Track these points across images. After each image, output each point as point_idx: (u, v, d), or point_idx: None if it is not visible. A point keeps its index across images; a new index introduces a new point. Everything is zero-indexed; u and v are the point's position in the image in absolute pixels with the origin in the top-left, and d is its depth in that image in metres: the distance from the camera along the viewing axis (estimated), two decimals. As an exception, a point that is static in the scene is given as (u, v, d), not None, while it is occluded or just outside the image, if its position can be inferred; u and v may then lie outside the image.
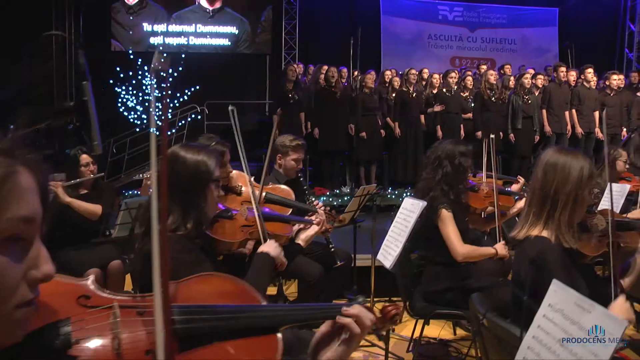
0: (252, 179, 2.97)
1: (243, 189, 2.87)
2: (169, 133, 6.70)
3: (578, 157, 1.89)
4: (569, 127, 7.46)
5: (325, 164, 7.33)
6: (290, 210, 2.95)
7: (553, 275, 1.62)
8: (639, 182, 5.10)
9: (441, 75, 7.68)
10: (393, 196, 6.65)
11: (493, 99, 7.20)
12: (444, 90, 7.23)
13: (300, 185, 3.65)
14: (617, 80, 7.58)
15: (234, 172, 2.94)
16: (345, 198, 6.48)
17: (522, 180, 4.01)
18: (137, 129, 9.68)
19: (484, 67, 8.59)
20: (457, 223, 2.87)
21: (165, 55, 1.05)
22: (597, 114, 7.57)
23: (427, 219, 2.86)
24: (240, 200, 2.80)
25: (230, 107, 2.62)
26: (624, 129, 7.62)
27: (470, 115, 7.35)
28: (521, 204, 3.28)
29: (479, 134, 7.13)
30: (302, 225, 2.42)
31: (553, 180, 1.85)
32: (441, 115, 7.15)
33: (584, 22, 12.25)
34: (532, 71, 8.07)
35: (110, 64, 10.11)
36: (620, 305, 1.72)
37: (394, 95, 7.36)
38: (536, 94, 7.51)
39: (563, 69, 7.50)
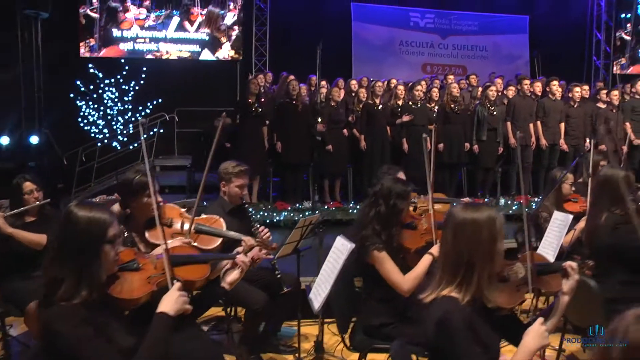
0: (185, 210, 2.91)
1: (173, 221, 2.80)
2: (135, 144, 6.62)
3: (485, 211, 1.83)
4: (533, 139, 7.47)
5: (288, 178, 7.25)
6: (220, 240, 2.89)
7: (455, 337, 1.58)
8: (585, 203, 5.12)
9: (407, 85, 7.64)
10: (355, 210, 6.60)
11: (457, 110, 7.19)
12: (410, 102, 7.19)
13: (245, 212, 3.59)
14: (579, 92, 7.61)
15: (167, 205, 2.86)
16: (307, 213, 6.42)
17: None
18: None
19: (451, 77, 8.57)
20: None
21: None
22: (562, 125, 7.60)
23: (359, 256, 2.79)
24: (170, 232, 2.73)
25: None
26: (587, 140, 7.68)
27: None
28: None
29: (441, 146, 7.13)
30: (228, 264, 2.34)
31: (465, 243, 1.78)
32: (407, 128, 7.11)
33: (553, 29, 12.35)
34: (499, 81, 8.05)
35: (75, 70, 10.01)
36: (534, 332, 1.75)
37: (360, 106, 7.29)
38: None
39: (527, 81, 7.52)
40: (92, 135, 9.96)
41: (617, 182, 3.34)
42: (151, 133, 9.63)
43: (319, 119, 6.86)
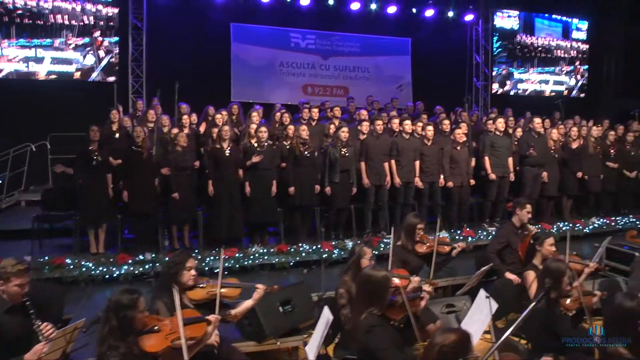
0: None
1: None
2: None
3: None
4: (388, 178, 7.50)
5: (136, 226, 6.92)
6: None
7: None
8: (433, 242, 5.16)
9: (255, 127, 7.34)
10: (210, 258, 6.40)
11: (306, 153, 7.07)
12: (256, 145, 6.98)
13: (26, 310, 3.34)
14: (431, 131, 7.72)
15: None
16: (147, 266, 6.13)
17: None
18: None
19: (306, 110, 8.38)
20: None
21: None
22: (417, 163, 7.68)
23: None
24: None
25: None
26: (442, 177, 7.82)
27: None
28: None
29: (291, 189, 7.01)
30: None
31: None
32: (251, 173, 6.91)
33: (435, 51, 12.62)
34: (344, 125, 7.83)
35: None
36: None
37: (209, 150, 7.04)
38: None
39: (379, 122, 7.50)
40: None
41: (377, 282, 3.31)
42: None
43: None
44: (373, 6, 11.74)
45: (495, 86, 13.26)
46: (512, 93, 13.44)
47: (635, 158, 9.18)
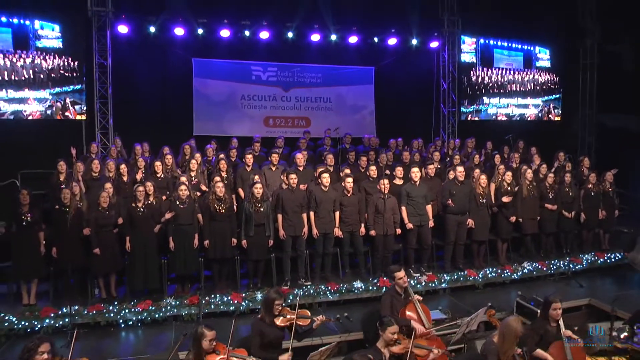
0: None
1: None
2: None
3: None
4: (305, 229, 7.83)
5: (65, 279, 7.52)
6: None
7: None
8: (293, 315, 5.48)
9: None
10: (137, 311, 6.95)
11: (221, 209, 7.47)
12: (177, 202, 7.43)
13: None
14: (350, 182, 7.99)
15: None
16: (66, 319, 6.67)
17: None
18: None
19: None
20: None
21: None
22: (337, 214, 7.98)
23: None
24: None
25: None
26: (362, 225, 8.11)
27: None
28: None
29: (206, 243, 7.45)
30: None
31: None
32: (173, 226, 7.38)
33: (400, 79, 12.75)
34: (258, 181, 8.08)
35: None
36: None
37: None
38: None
39: (293, 176, 7.81)
40: None
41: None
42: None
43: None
44: (333, 37, 11.92)
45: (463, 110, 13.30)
46: (478, 118, 13.44)
47: (572, 199, 9.23)
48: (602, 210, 9.38)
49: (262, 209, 7.60)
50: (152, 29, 10.87)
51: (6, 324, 6.70)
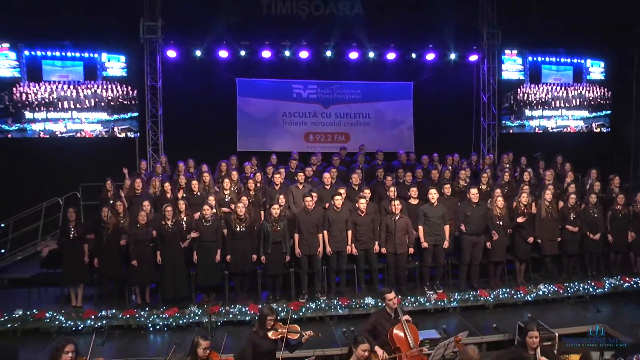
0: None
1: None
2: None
3: None
4: (320, 248, 8.34)
5: (105, 286, 8.58)
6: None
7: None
8: (284, 329, 6.05)
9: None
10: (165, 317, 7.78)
11: (241, 228, 8.14)
12: (202, 220, 8.19)
13: None
14: (364, 202, 8.40)
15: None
16: (104, 321, 7.65)
17: None
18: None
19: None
20: None
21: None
22: (349, 233, 8.44)
23: None
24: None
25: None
26: (377, 243, 8.51)
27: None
28: None
29: (228, 258, 8.16)
30: None
31: None
32: (197, 243, 8.16)
33: (439, 93, 12.92)
34: (276, 202, 8.63)
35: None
36: None
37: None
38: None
39: (309, 199, 8.32)
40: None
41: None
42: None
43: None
44: (371, 54, 12.32)
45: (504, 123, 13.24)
46: (520, 131, 13.31)
47: (597, 220, 9.09)
48: (631, 232, 9.16)
49: (279, 228, 8.20)
50: (198, 53, 11.81)
51: (57, 322, 7.73)
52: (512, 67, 13.17)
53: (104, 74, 11.82)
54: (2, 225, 10.04)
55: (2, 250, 10.02)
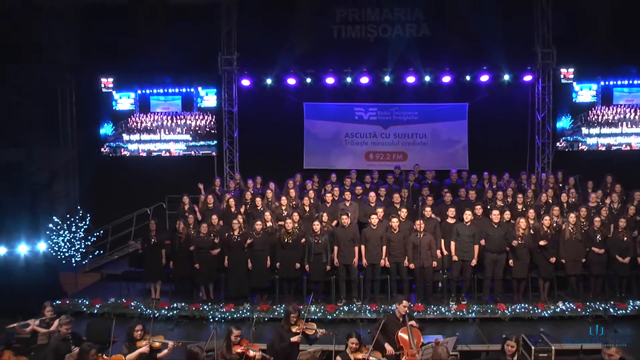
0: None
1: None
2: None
3: None
4: (355, 259, 9.58)
5: (177, 284, 10.53)
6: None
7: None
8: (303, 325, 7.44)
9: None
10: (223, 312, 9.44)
11: (288, 240, 9.58)
12: (254, 232, 9.75)
13: (68, 340, 6.98)
14: (397, 221, 9.49)
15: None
16: (175, 312, 9.50)
17: None
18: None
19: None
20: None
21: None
22: (384, 248, 9.58)
23: None
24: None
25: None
26: (407, 258, 9.57)
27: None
28: None
29: (278, 265, 9.66)
30: None
31: None
32: (251, 251, 9.73)
33: (493, 113, 13.51)
34: (318, 219, 9.95)
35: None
36: None
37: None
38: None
39: (345, 216, 9.56)
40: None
41: None
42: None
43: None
44: (427, 78, 13.21)
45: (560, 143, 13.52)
46: (577, 149, 13.48)
47: (627, 243, 9.38)
48: (661, 257, 9.35)
49: (320, 241, 9.56)
50: (269, 81, 13.43)
51: (139, 310, 9.64)
52: (585, 92, 13.51)
53: (199, 105, 14.02)
54: (102, 231, 12.33)
55: (102, 251, 12.34)
